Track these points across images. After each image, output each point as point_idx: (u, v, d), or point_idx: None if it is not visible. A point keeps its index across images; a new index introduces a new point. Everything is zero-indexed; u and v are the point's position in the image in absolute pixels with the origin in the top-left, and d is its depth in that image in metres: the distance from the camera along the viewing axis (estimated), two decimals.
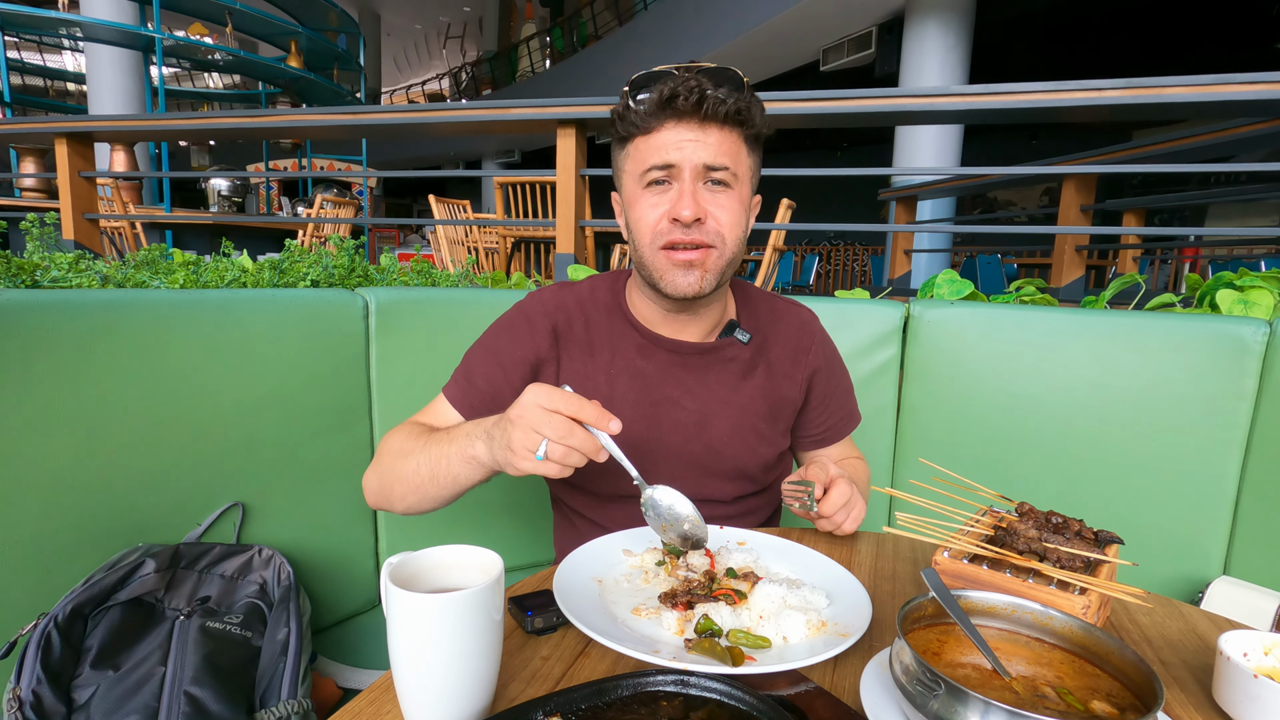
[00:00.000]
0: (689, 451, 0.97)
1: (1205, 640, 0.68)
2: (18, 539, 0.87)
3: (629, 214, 0.91)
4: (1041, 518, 0.74)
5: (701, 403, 0.98)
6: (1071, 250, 3.12)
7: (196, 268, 1.46)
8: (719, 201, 0.86)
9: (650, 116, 0.85)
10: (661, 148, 0.85)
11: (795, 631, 0.62)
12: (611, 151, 0.94)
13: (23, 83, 11.42)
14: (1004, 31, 9.48)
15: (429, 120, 2.56)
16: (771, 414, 1.01)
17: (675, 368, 0.97)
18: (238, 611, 0.94)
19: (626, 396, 0.96)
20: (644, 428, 0.96)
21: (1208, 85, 1.69)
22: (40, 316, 0.89)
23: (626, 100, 0.88)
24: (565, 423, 0.66)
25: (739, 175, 0.87)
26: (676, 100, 0.82)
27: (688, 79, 0.83)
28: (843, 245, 12.43)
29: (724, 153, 0.85)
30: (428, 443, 0.82)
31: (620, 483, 0.97)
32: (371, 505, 0.93)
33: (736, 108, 0.84)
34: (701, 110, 0.83)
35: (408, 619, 0.49)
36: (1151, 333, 1.28)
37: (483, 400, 0.94)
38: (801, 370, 1.03)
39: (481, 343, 0.99)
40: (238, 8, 7.04)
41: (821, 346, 1.06)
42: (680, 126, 0.84)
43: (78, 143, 3.11)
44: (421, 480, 0.82)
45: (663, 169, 0.85)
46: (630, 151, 0.89)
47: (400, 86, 25.23)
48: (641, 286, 0.96)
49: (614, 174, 0.95)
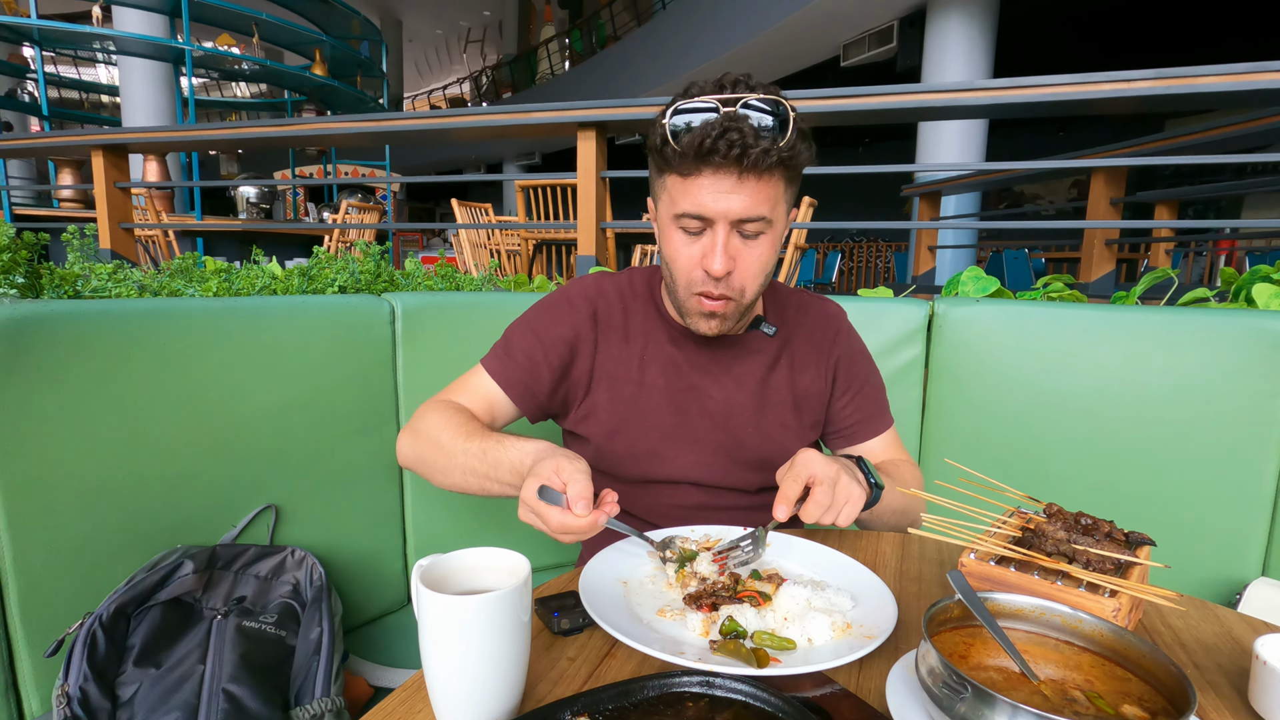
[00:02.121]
0: (715, 439, 0.99)
1: (1241, 644, 0.66)
2: (63, 542, 0.90)
3: (661, 241, 0.92)
4: (1070, 519, 0.73)
5: (728, 393, 1.00)
6: (1101, 244, 3.06)
7: (229, 275, 1.50)
8: (750, 252, 0.86)
9: (686, 160, 0.81)
10: (697, 195, 0.82)
11: (820, 633, 0.62)
12: (648, 160, 0.92)
13: (59, 95, 11.77)
14: (1029, 22, 9.30)
15: (450, 126, 2.59)
16: (797, 405, 1.02)
17: (703, 358, 1.00)
18: (272, 611, 0.96)
19: (657, 383, 0.99)
20: (672, 414, 0.99)
21: (1241, 74, 1.65)
22: (82, 326, 0.92)
23: (664, 131, 0.83)
24: (546, 530, 0.69)
25: (774, 219, 0.85)
26: (716, 154, 0.79)
27: (729, 125, 0.78)
28: (865, 242, 12.31)
29: (761, 202, 0.82)
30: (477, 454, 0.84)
31: (646, 466, 0.99)
32: (402, 466, 0.96)
33: (780, 157, 0.80)
34: (742, 164, 0.79)
35: (438, 620, 0.50)
36: (1184, 329, 1.26)
37: (520, 373, 0.97)
38: (826, 361, 1.04)
39: (524, 319, 1.02)
40: (264, 18, 7.18)
41: (846, 338, 1.06)
42: (718, 176, 0.81)
43: (114, 154, 3.19)
44: (468, 488, 0.87)
45: (696, 219, 0.84)
46: (666, 184, 0.87)
47: (422, 91, 25.52)
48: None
49: (650, 185, 0.93)
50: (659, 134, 0.84)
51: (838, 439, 1.07)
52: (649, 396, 0.98)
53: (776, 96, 0.82)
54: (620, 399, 0.98)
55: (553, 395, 0.99)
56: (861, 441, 1.06)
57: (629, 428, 0.98)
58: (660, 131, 0.84)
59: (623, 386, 0.98)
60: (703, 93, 0.83)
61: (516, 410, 0.99)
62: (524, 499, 0.71)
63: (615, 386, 0.99)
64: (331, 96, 8.78)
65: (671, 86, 8.32)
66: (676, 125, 0.82)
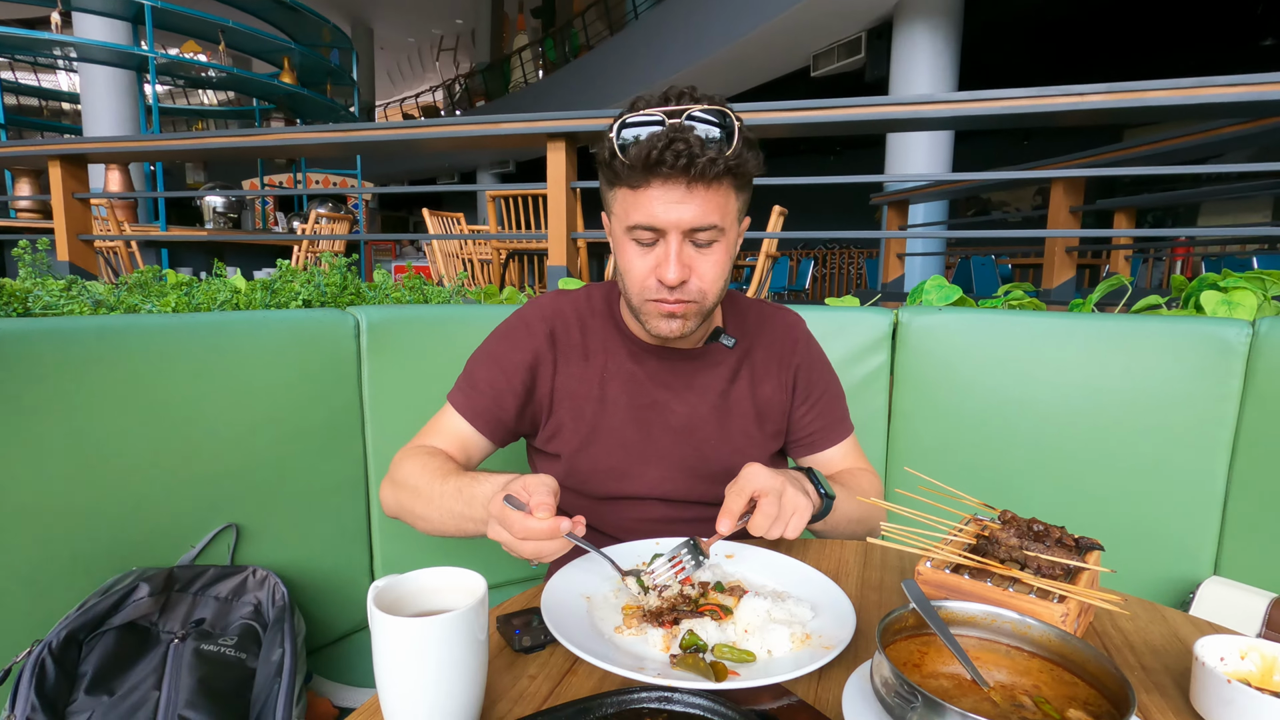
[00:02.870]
0: (679, 454, 0.99)
1: (1187, 644, 0.68)
2: (12, 566, 0.87)
3: (616, 253, 0.92)
4: (1023, 525, 0.75)
5: (690, 407, 1.00)
6: (1062, 252, 3.14)
7: (189, 289, 1.47)
8: (704, 260, 0.87)
9: (635, 172, 0.82)
10: (647, 207, 0.83)
11: (779, 645, 0.63)
12: (599, 177, 0.92)
13: (18, 103, 11.45)
14: (992, 34, 9.54)
15: (420, 137, 2.58)
16: (759, 416, 1.03)
17: (664, 373, 1.00)
18: (232, 633, 0.94)
19: (619, 400, 0.99)
20: (635, 431, 0.99)
21: (1189, 89, 1.71)
22: (32, 345, 0.90)
23: (612, 145, 0.84)
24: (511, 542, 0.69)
25: (726, 227, 0.86)
26: (663, 165, 0.80)
27: (675, 136, 0.79)
28: (838, 249, 12.47)
29: (712, 210, 0.83)
30: (453, 494, 0.83)
31: (611, 484, 0.99)
32: (390, 516, 0.96)
33: (727, 165, 0.81)
34: (689, 174, 0.80)
35: (392, 643, 0.50)
36: (1138, 335, 1.30)
37: (485, 403, 0.97)
38: (786, 370, 1.05)
39: (483, 349, 1.02)
40: (231, 26, 7.07)
41: (805, 347, 1.07)
42: (667, 187, 0.82)
43: (71, 165, 3.12)
44: (449, 530, 0.87)
45: (648, 230, 0.84)
46: (617, 196, 0.87)
47: (394, 99, 25.32)
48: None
49: (602, 199, 0.94)
50: (607, 148, 0.85)
51: (798, 448, 1.08)
52: (611, 414, 0.98)
53: (722, 107, 0.83)
54: (583, 418, 0.98)
55: (520, 419, 0.99)
56: (822, 450, 1.07)
57: (593, 446, 0.98)
58: (608, 145, 0.85)
59: (584, 405, 0.99)
60: (649, 106, 0.84)
61: (489, 443, 0.99)
62: (490, 511, 0.71)
63: (577, 406, 0.99)
64: (301, 105, 8.68)
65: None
66: (624, 139, 0.83)
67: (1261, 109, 1.82)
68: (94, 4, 6.83)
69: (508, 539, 0.69)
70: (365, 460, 1.25)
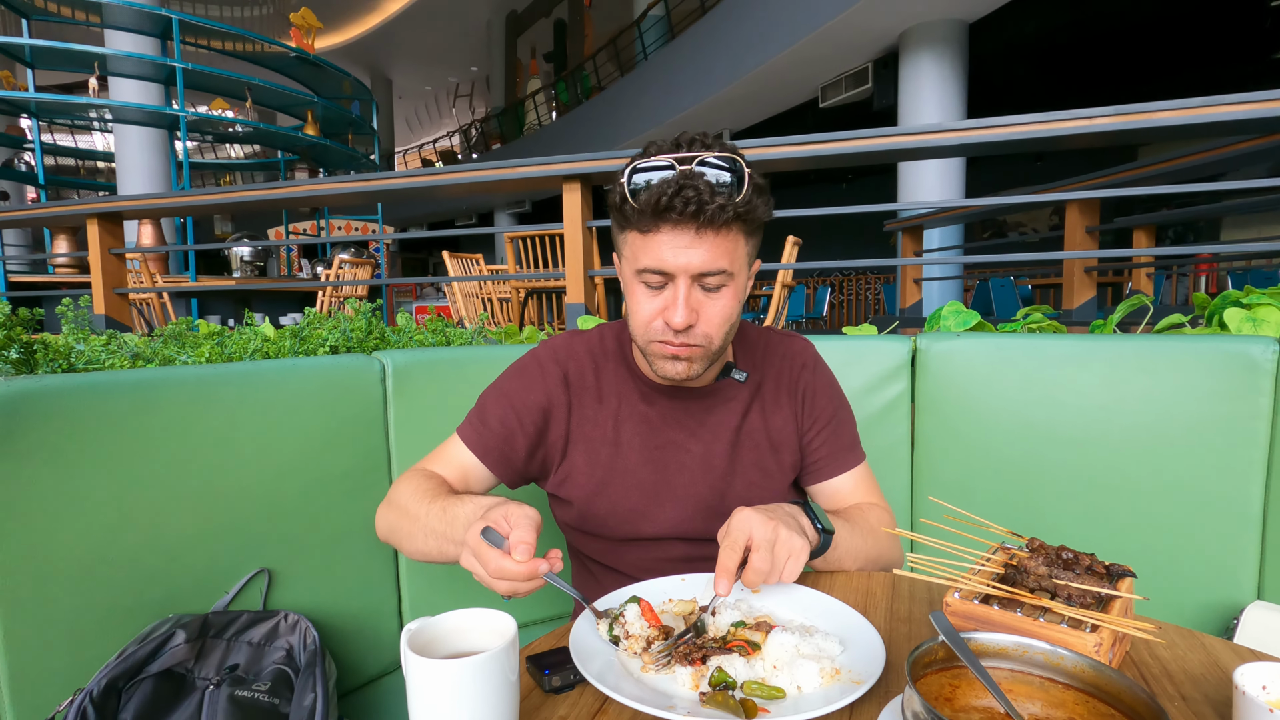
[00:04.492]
0: (695, 493, 0.99)
1: (1227, 673, 0.67)
2: (54, 616, 0.90)
3: (626, 296, 0.93)
4: (1052, 553, 0.74)
5: (705, 445, 1.00)
6: (1081, 272, 3.12)
7: (221, 339, 1.52)
8: (713, 304, 0.87)
9: (645, 216, 0.83)
10: (656, 251, 0.84)
11: (809, 681, 0.63)
12: (610, 220, 0.93)
13: (55, 163, 11.98)
14: (999, 59, 9.64)
15: (438, 183, 2.66)
16: (774, 447, 1.02)
17: (677, 412, 1.00)
18: (265, 679, 0.95)
19: (633, 441, 0.99)
20: (650, 472, 0.98)
21: (1197, 108, 1.72)
22: (75, 399, 0.94)
23: (623, 190, 0.85)
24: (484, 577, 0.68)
25: (735, 272, 0.86)
26: (673, 210, 0.81)
27: (684, 183, 0.80)
28: (854, 275, 12.47)
29: (721, 255, 0.84)
30: (438, 514, 0.83)
31: (629, 526, 0.98)
32: (381, 539, 0.96)
33: (736, 212, 0.82)
34: (699, 219, 0.81)
35: (426, 685, 0.51)
36: (1160, 355, 1.28)
37: (496, 441, 0.97)
38: (794, 397, 1.04)
39: (496, 386, 1.02)
40: (256, 83, 7.39)
41: (813, 372, 1.05)
42: (676, 232, 0.83)
43: (108, 222, 3.25)
44: (430, 552, 0.86)
45: (657, 274, 0.85)
46: (627, 239, 0.88)
47: (413, 146, 26.07)
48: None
49: (613, 241, 0.95)
50: (618, 193, 0.86)
51: (806, 474, 1.05)
52: (626, 456, 0.99)
53: (733, 154, 0.84)
54: (597, 461, 0.98)
55: (530, 460, 1.00)
56: (830, 477, 1.03)
57: (609, 489, 0.98)
58: (619, 190, 0.86)
59: (599, 448, 0.99)
60: (660, 152, 0.85)
61: (494, 478, 0.99)
62: (466, 540, 0.69)
63: (591, 449, 0.99)
64: (324, 155, 8.97)
65: (656, 133, 8.50)
66: (635, 184, 0.84)
67: (1273, 125, 1.82)
68: (129, 68, 7.18)
69: (481, 574, 0.67)
70: None
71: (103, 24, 7.03)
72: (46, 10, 6.70)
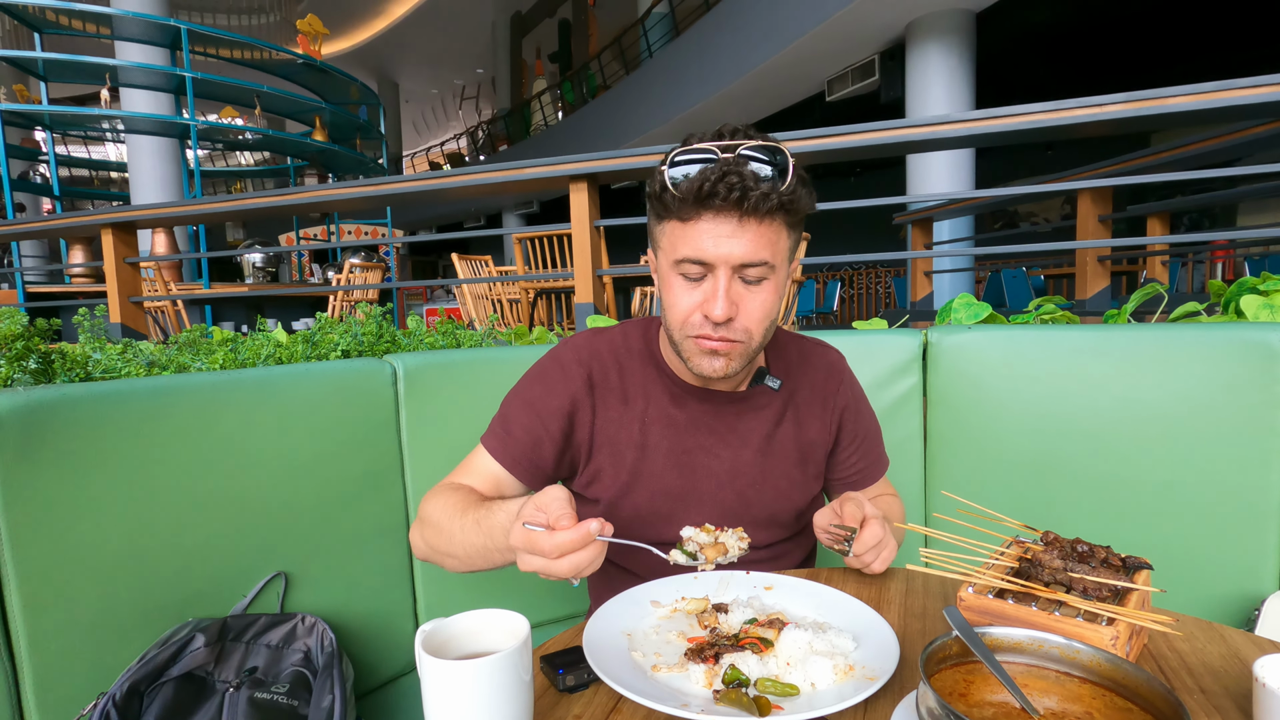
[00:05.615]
0: (721, 500, 0.97)
1: (1247, 665, 0.66)
2: (77, 620, 0.91)
3: (661, 290, 0.90)
4: (1067, 546, 0.73)
5: (734, 451, 0.98)
6: (1094, 261, 3.09)
7: (235, 345, 1.54)
8: (753, 297, 0.85)
9: (686, 205, 0.81)
10: (696, 241, 0.81)
11: (823, 677, 0.63)
12: (647, 212, 0.91)
13: (70, 174, 12.15)
14: (1007, 48, 9.53)
15: (446, 186, 2.67)
16: (803, 459, 1.01)
17: (707, 416, 0.98)
18: (284, 681, 0.96)
19: (660, 445, 0.97)
20: (677, 476, 0.97)
21: (1210, 93, 1.69)
22: (93, 407, 0.95)
23: (663, 179, 0.83)
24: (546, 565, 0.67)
25: (776, 265, 0.84)
26: (716, 197, 0.79)
27: (728, 170, 0.79)
28: (864, 269, 12.40)
29: (763, 246, 0.81)
30: (472, 527, 0.83)
31: (651, 530, 0.97)
32: (421, 559, 0.95)
33: (780, 201, 0.80)
34: (742, 207, 0.79)
35: (441, 685, 0.51)
36: (1176, 344, 1.27)
37: (522, 450, 0.95)
38: (830, 412, 1.03)
39: (518, 392, 1.00)
40: (265, 90, 7.45)
41: (849, 387, 1.06)
42: (718, 220, 0.80)
43: (123, 231, 3.29)
44: (478, 565, 0.85)
45: (696, 264, 0.83)
46: (666, 230, 0.86)
47: (420, 149, 26.19)
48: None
49: (649, 234, 0.93)
50: (658, 181, 0.84)
51: (840, 486, 1.07)
52: (652, 460, 0.96)
53: (776, 144, 0.83)
54: (623, 464, 0.96)
55: (559, 464, 0.98)
56: (862, 488, 1.07)
57: (634, 492, 0.96)
58: (659, 179, 0.84)
59: (625, 450, 0.97)
60: (702, 140, 0.83)
61: (524, 487, 0.98)
62: (514, 544, 0.69)
63: (617, 451, 0.97)
64: (332, 160, 9.04)
65: (663, 130, 8.48)
66: (675, 173, 0.82)
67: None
68: (140, 79, 7.26)
69: (541, 564, 0.67)
70: (406, 505, 1.28)
71: (113, 35, 7.11)
72: (58, 24, 6.79)
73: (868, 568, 0.86)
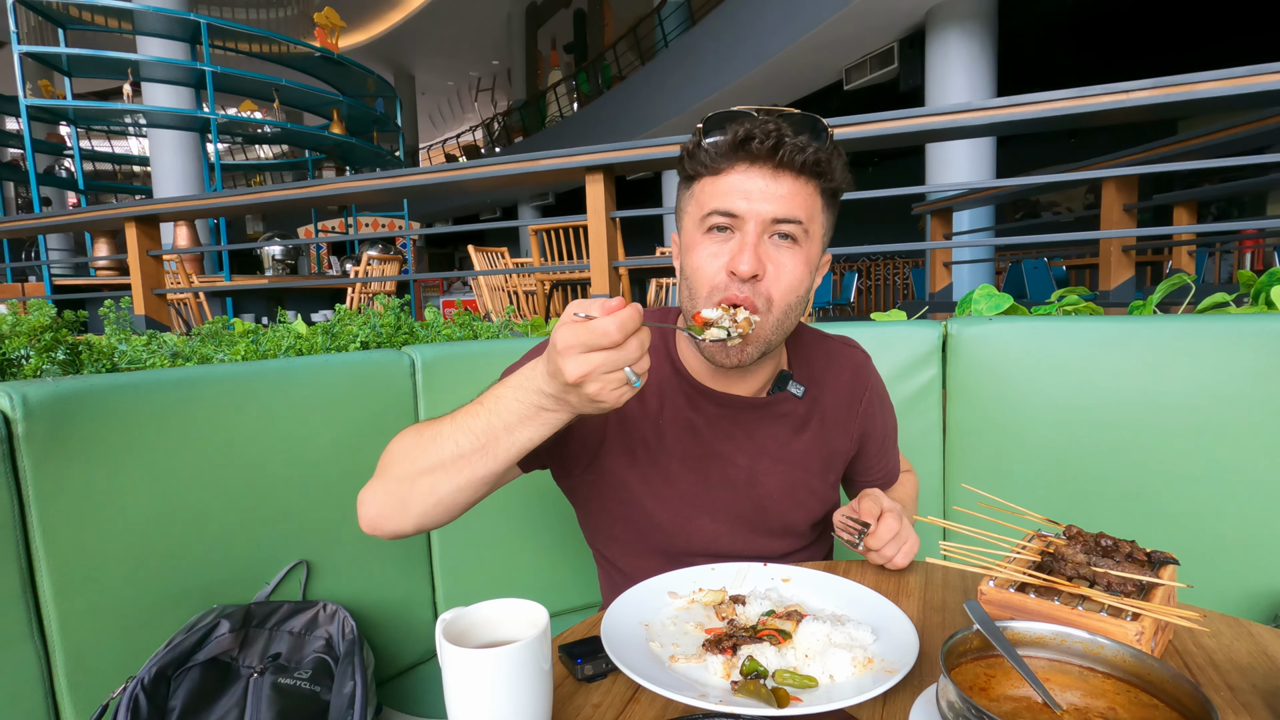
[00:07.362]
0: (737, 508, 0.93)
1: (1275, 661, 0.65)
2: (105, 607, 0.93)
3: (685, 259, 0.85)
4: (1090, 540, 0.72)
5: (752, 459, 0.93)
6: (1118, 251, 3.03)
7: (256, 336, 1.55)
8: (781, 258, 0.80)
9: (720, 157, 0.79)
10: (728, 192, 0.79)
11: (841, 669, 0.62)
12: (678, 191, 0.89)
13: (94, 169, 12.33)
14: (1030, 35, 9.36)
15: (462, 178, 2.67)
16: (824, 468, 0.98)
17: (725, 422, 0.92)
18: (306, 667, 0.98)
19: (675, 449, 0.92)
20: (693, 482, 0.92)
21: (1239, 78, 1.65)
22: (119, 398, 0.97)
23: (698, 138, 0.82)
24: (609, 356, 0.60)
25: (809, 232, 0.81)
26: (751, 143, 0.77)
27: (766, 122, 0.78)
28: (882, 260, 12.28)
29: (797, 205, 0.79)
30: (463, 421, 0.72)
31: (662, 539, 0.93)
32: (368, 526, 0.79)
33: (815, 158, 0.78)
34: (777, 156, 0.77)
35: (461, 673, 0.52)
36: (1204, 336, 1.24)
37: None
38: (855, 419, 1.00)
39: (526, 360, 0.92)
40: (283, 84, 7.51)
41: (875, 393, 1.03)
42: (751, 171, 0.78)
43: (146, 225, 3.34)
44: (462, 477, 0.72)
45: (726, 215, 0.80)
46: (695, 191, 0.84)
47: (436, 141, 26.28)
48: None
49: (676, 215, 0.91)
50: (693, 140, 0.83)
51: (857, 487, 1.07)
52: (666, 464, 0.91)
53: (815, 116, 0.81)
54: (635, 464, 0.91)
55: (551, 452, 0.89)
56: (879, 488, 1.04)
57: (646, 497, 0.92)
58: (695, 138, 0.83)
59: (638, 451, 0.91)
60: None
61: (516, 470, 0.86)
62: (561, 347, 0.60)
63: (630, 451, 0.91)
64: (350, 153, 9.10)
65: (679, 120, 8.42)
66: (713, 126, 0.81)
67: None
68: (161, 73, 7.35)
69: (603, 358, 0.59)
70: None
71: (135, 30, 7.20)
72: (82, 19, 6.88)
73: (890, 562, 0.86)
